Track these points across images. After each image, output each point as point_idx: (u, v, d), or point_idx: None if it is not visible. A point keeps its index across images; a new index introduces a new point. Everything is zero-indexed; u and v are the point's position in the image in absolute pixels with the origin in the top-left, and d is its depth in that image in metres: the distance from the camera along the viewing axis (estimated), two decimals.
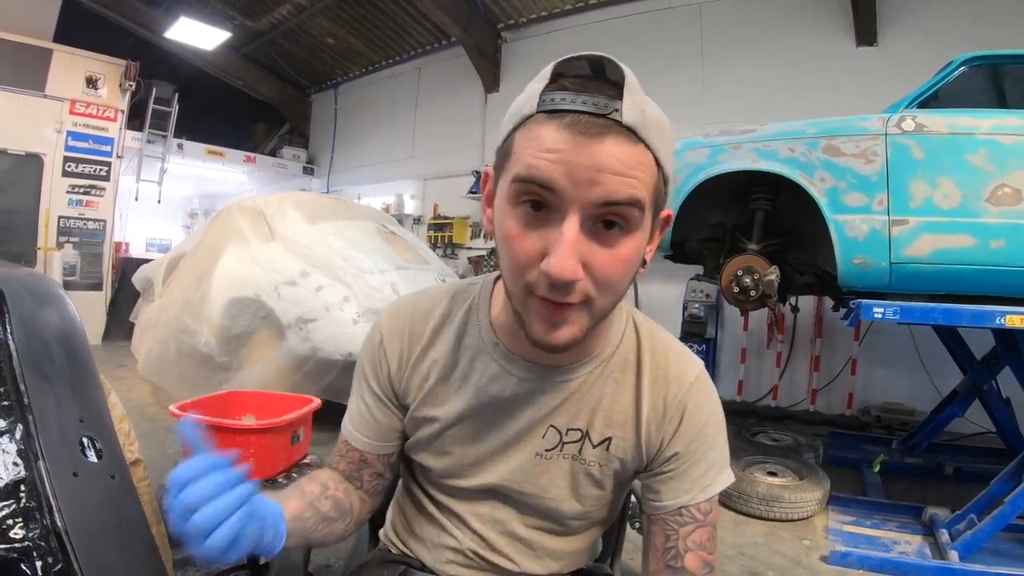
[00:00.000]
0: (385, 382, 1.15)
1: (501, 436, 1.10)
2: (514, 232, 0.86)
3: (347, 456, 1.19)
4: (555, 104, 0.81)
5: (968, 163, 3.37)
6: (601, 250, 0.84)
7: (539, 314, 0.88)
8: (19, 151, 8.47)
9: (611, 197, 0.80)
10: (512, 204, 0.86)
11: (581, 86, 0.82)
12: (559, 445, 1.09)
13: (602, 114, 0.79)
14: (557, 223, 0.82)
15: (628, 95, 0.80)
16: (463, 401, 1.10)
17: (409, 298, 1.19)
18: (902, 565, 3.28)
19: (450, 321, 1.13)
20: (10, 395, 1.30)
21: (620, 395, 1.08)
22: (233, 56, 12.06)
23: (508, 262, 0.89)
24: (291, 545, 0.94)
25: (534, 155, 0.81)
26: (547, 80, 0.85)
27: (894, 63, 6.20)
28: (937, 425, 4.79)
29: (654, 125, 0.83)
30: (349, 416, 1.19)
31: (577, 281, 0.83)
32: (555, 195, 0.81)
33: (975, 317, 3.29)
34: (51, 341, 1.48)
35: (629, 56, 4.01)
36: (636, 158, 0.81)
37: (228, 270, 5.40)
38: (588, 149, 0.79)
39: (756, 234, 4.00)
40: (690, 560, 1.03)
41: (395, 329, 1.14)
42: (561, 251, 0.80)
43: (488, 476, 1.12)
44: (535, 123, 0.83)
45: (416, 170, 10.94)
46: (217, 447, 0.82)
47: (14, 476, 1.19)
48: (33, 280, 1.67)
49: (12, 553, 1.10)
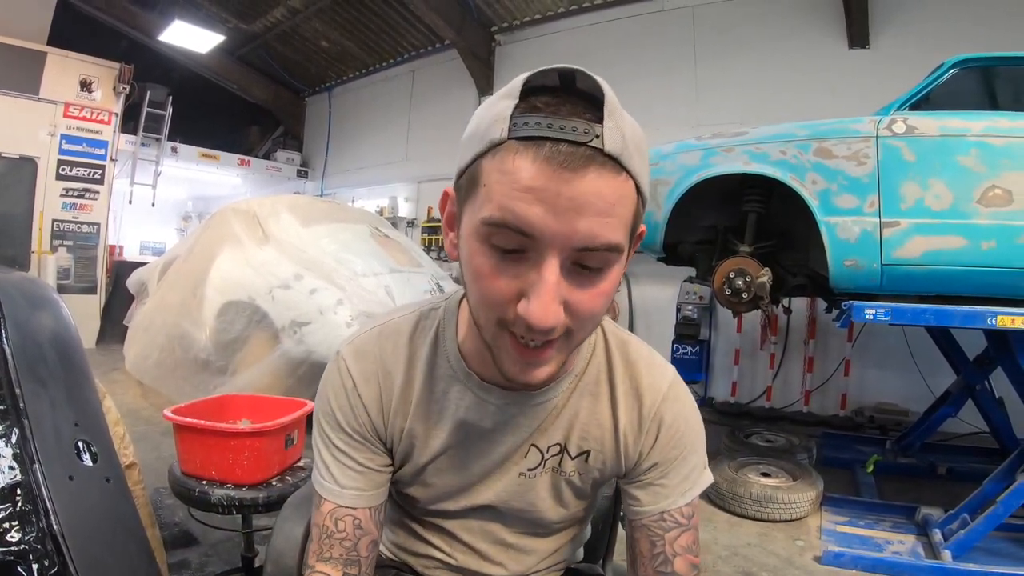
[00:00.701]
0: (366, 427, 1.06)
1: (484, 463, 1.09)
2: (486, 272, 0.79)
3: (338, 531, 1.05)
4: (529, 130, 0.73)
5: (959, 165, 3.38)
6: (581, 291, 0.79)
7: (513, 355, 0.84)
8: (13, 154, 8.45)
9: (592, 242, 0.75)
10: (483, 243, 0.79)
11: (556, 107, 0.74)
12: (541, 463, 1.08)
13: (582, 142, 0.72)
14: (534, 264, 0.76)
15: (608, 117, 0.74)
16: (443, 434, 1.07)
17: (370, 336, 1.09)
18: (895, 565, 3.30)
19: (418, 355, 1.07)
20: (5, 399, 1.31)
21: (596, 409, 1.07)
22: (227, 59, 12.06)
23: (478, 301, 0.83)
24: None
25: (509, 195, 0.74)
26: (516, 99, 0.76)
27: (887, 65, 6.22)
28: (930, 425, 4.82)
29: (634, 148, 0.76)
30: (327, 478, 1.06)
31: (557, 325, 0.78)
32: (532, 238, 0.74)
33: (966, 318, 3.31)
34: (46, 345, 1.48)
35: (622, 59, 4.08)
36: (618, 192, 0.75)
37: (222, 273, 5.39)
38: (569, 186, 0.72)
39: (748, 236, 4.02)
40: (679, 564, 1.03)
41: (367, 373, 1.06)
42: (543, 297, 0.75)
43: (475, 499, 1.11)
44: (507, 152, 0.74)
45: (410, 173, 10.94)
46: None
47: (10, 480, 1.20)
48: (27, 284, 1.67)
49: (9, 556, 1.11)
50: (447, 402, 1.05)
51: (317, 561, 1.05)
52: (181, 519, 3.39)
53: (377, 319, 1.13)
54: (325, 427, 1.07)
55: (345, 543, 1.05)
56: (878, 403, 6.19)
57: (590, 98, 0.76)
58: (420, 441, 1.07)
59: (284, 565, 1.20)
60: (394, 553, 1.26)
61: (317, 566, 1.05)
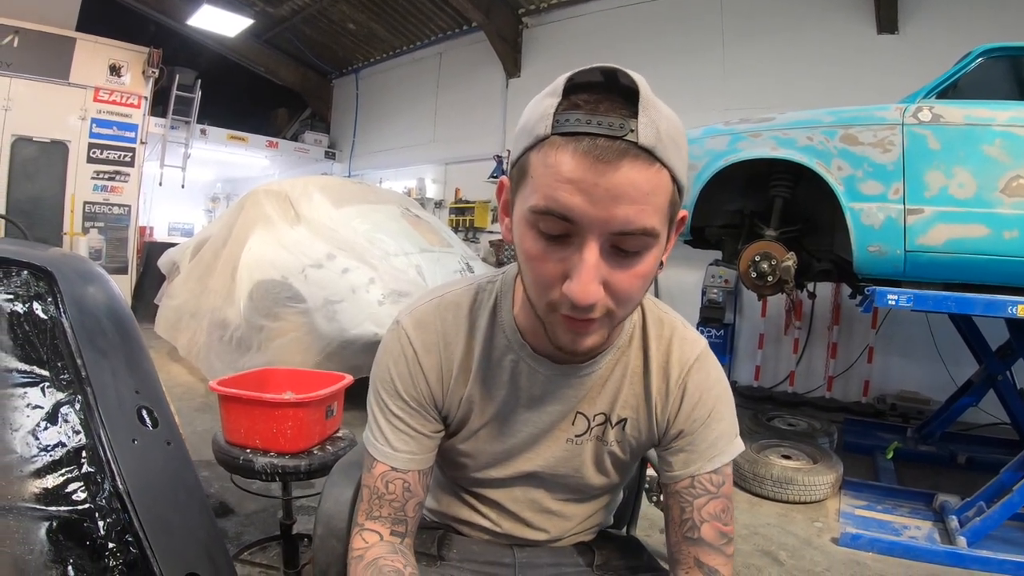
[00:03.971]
0: (423, 395, 1.12)
1: (533, 429, 1.15)
2: (535, 254, 0.87)
3: (388, 492, 1.12)
4: (570, 126, 0.80)
5: (984, 154, 3.39)
6: (620, 270, 0.86)
7: (563, 327, 0.91)
8: (44, 139, 8.61)
9: (627, 227, 0.81)
10: (532, 228, 0.87)
11: (595, 105, 0.81)
12: (588, 430, 1.15)
13: (618, 136, 0.78)
14: (577, 247, 0.84)
15: (643, 112, 0.80)
16: (498, 400, 1.13)
17: (429, 307, 1.15)
18: (911, 549, 3.33)
19: (477, 325, 1.13)
20: (68, 369, 1.39)
21: (634, 380, 1.14)
22: (255, 42, 12.16)
23: (531, 281, 0.92)
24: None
25: (552, 185, 0.81)
26: (559, 96, 0.83)
27: (915, 51, 6.17)
28: (951, 414, 4.83)
29: (669, 140, 0.82)
30: (382, 442, 1.12)
31: (597, 302, 0.86)
32: (575, 224, 0.82)
33: (988, 306, 3.33)
34: (102, 317, 1.55)
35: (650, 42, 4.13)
36: (652, 181, 0.81)
37: (255, 253, 5.47)
38: (606, 176, 0.78)
39: (774, 220, 4.04)
40: (706, 531, 1.08)
41: (429, 344, 1.12)
42: (583, 277, 0.83)
43: (523, 465, 1.18)
44: (550, 147, 0.82)
45: (437, 154, 10.99)
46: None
47: (76, 443, 1.27)
48: (76, 261, 1.75)
49: (75, 515, 1.18)
50: (502, 370, 1.12)
51: (367, 519, 1.12)
52: (216, 490, 3.50)
53: (435, 291, 1.19)
54: (382, 393, 1.13)
55: (394, 503, 1.12)
56: (900, 391, 6.19)
57: (629, 94, 0.82)
58: (477, 406, 1.14)
59: (334, 527, 1.24)
60: (440, 520, 1.34)
61: (366, 524, 1.12)
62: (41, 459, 1.22)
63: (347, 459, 1.42)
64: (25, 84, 8.36)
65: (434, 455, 1.17)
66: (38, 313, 1.47)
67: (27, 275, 1.53)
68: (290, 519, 2.64)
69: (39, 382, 1.34)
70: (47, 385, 1.34)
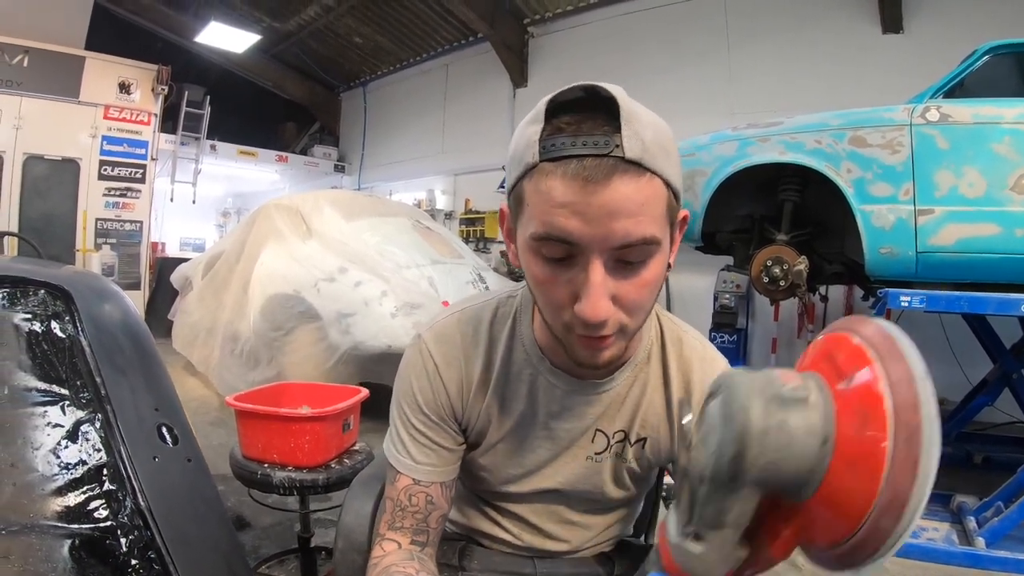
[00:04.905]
0: (444, 408, 1.13)
1: (552, 445, 1.15)
2: (543, 279, 0.88)
3: (412, 505, 1.12)
4: (556, 151, 0.81)
5: (993, 152, 3.39)
6: (627, 282, 0.86)
7: (579, 345, 0.92)
8: (56, 156, 8.70)
9: (627, 240, 0.81)
10: (535, 252, 0.88)
11: (577, 125, 0.81)
12: (608, 448, 1.15)
13: (604, 153, 0.79)
14: (582, 267, 0.84)
15: (626, 125, 0.80)
16: (514, 415, 1.14)
17: (450, 322, 1.16)
18: (929, 551, 3.30)
19: (497, 339, 1.14)
20: (87, 387, 1.40)
21: (654, 398, 1.14)
22: (262, 58, 12.23)
23: (543, 304, 0.93)
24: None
25: (548, 211, 0.82)
26: (542, 122, 0.83)
27: (920, 50, 6.17)
28: (967, 414, 4.78)
29: (656, 148, 0.82)
30: (404, 455, 1.13)
31: (609, 318, 0.86)
32: (574, 245, 0.82)
33: (1001, 305, 3.31)
34: (119, 335, 1.56)
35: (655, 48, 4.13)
36: (645, 192, 0.81)
37: (267, 268, 5.50)
38: (598, 195, 0.79)
39: (785, 225, 4.04)
40: None
41: (449, 357, 1.13)
42: (591, 296, 0.83)
43: (544, 481, 1.18)
44: (540, 173, 0.82)
45: (446, 165, 11.02)
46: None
47: (96, 461, 1.28)
48: (92, 278, 1.76)
49: (98, 532, 1.19)
50: (520, 384, 1.13)
51: (388, 530, 1.13)
52: (233, 504, 3.51)
53: (455, 306, 1.20)
54: (405, 407, 1.14)
55: (417, 515, 1.12)
56: None
57: (611, 109, 0.82)
58: (495, 420, 1.14)
59: (355, 540, 1.25)
60: (462, 531, 1.34)
61: (387, 534, 1.13)
62: (63, 477, 1.23)
63: (367, 472, 1.43)
64: (36, 103, 8.45)
65: (457, 467, 1.18)
66: (56, 332, 1.48)
67: (44, 294, 1.54)
68: (308, 532, 2.65)
69: (59, 401, 1.35)
70: (67, 404, 1.35)
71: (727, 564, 0.65)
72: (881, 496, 0.55)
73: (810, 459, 0.57)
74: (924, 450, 0.54)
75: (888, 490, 0.54)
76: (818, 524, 0.59)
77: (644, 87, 7.94)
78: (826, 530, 0.59)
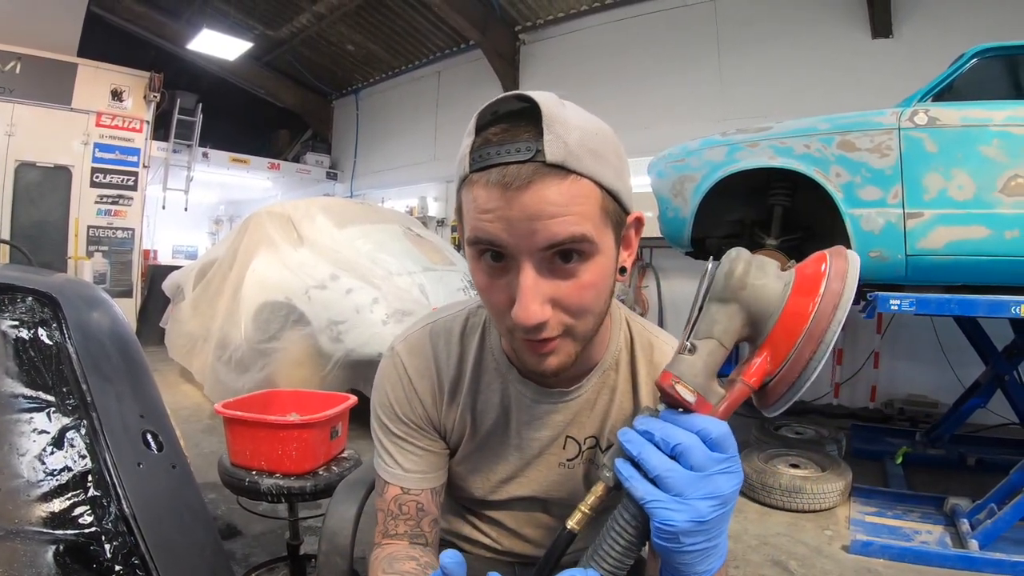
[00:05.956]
0: (421, 418, 1.15)
1: (522, 455, 1.17)
2: (483, 286, 0.92)
3: (402, 514, 1.14)
4: (483, 161, 0.84)
5: (981, 155, 3.39)
6: (564, 283, 0.87)
7: (526, 350, 0.94)
8: (48, 164, 8.71)
9: (553, 240, 0.83)
10: (475, 260, 0.91)
11: (503, 136, 0.83)
12: (579, 454, 1.16)
13: (525, 160, 0.81)
14: (515, 272, 0.86)
15: (548, 130, 0.81)
16: (487, 424, 1.16)
17: (422, 334, 1.18)
18: (923, 554, 3.31)
19: (467, 351, 1.16)
20: (73, 394, 1.40)
21: (624, 404, 1.15)
22: (254, 65, 12.24)
23: (488, 310, 0.96)
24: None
25: (476, 217, 0.85)
26: (473, 135, 0.87)
27: (910, 54, 6.19)
28: (960, 416, 4.79)
29: (582, 150, 0.83)
30: (391, 464, 1.15)
31: (547, 319, 0.87)
32: (504, 249, 0.85)
33: (991, 307, 3.32)
34: (106, 342, 1.56)
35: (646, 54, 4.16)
36: (569, 193, 0.83)
37: (259, 275, 5.51)
38: (519, 200, 0.81)
39: (775, 229, 4.06)
40: None
41: (422, 369, 1.15)
42: (523, 299, 0.84)
43: (519, 489, 1.19)
44: (470, 184, 0.86)
45: (439, 173, 11.00)
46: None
47: (81, 468, 1.28)
48: (81, 286, 1.77)
49: (82, 538, 1.19)
50: (491, 394, 1.14)
51: (384, 538, 1.15)
52: (224, 512, 3.51)
53: (427, 317, 1.22)
54: (383, 418, 1.16)
55: (409, 522, 1.14)
56: (908, 395, 6.17)
57: (534, 118, 0.83)
58: (469, 429, 1.16)
59: (338, 544, 1.27)
60: (443, 536, 1.34)
61: (383, 542, 1.14)
62: (48, 483, 1.23)
63: (352, 478, 1.43)
64: (28, 110, 8.46)
65: (445, 473, 1.20)
66: (43, 339, 1.49)
67: (32, 301, 1.54)
68: (297, 540, 2.65)
69: (45, 407, 1.36)
70: (53, 410, 1.36)
71: (708, 374, 0.79)
72: (809, 325, 0.75)
73: (775, 294, 0.79)
74: (840, 306, 0.75)
75: (813, 323, 0.75)
76: (777, 348, 0.78)
77: (635, 94, 7.99)
78: (777, 355, 0.78)
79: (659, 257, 7.78)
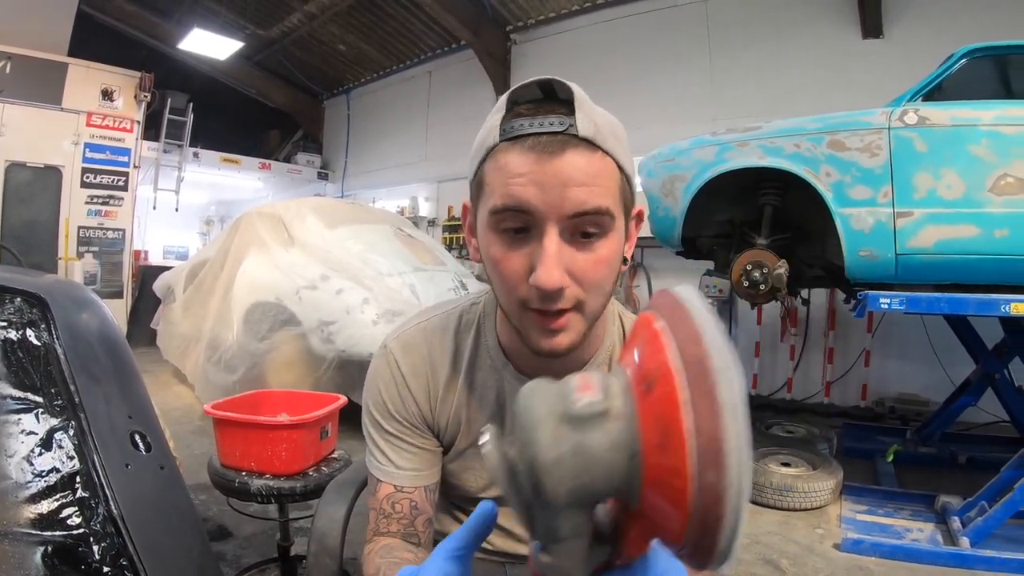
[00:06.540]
0: (415, 416, 1.14)
1: None
2: (500, 255, 0.91)
3: (396, 512, 1.13)
4: (515, 131, 0.87)
5: (971, 154, 3.41)
6: (582, 255, 0.89)
7: (536, 326, 0.93)
8: (38, 164, 8.62)
9: (581, 207, 0.85)
10: (495, 232, 0.91)
11: (535, 110, 0.87)
12: None
13: (558, 131, 0.85)
14: (538, 239, 0.87)
15: (579, 110, 0.86)
16: (483, 420, 1.14)
17: (416, 331, 1.18)
18: (914, 551, 3.33)
19: (462, 347, 1.16)
20: (61, 395, 1.39)
21: None
22: (245, 64, 12.20)
23: (499, 283, 0.95)
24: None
25: (506, 183, 0.87)
26: (504, 111, 0.90)
27: (901, 54, 6.22)
28: (950, 414, 4.82)
29: (608, 133, 0.88)
30: (384, 462, 1.14)
31: (565, 288, 0.88)
32: (532, 215, 0.86)
33: (981, 306, 3.34)
34: (95, 343, 1.55)
35: (637, 55, 4.15)
36: (597, 166, 0.86)
37: (249, 276, 5.50)
38: (552, 165, 0.84)
39: (765, 229, 4.06)
40: None
41: (416, 367, 1.14)
42: (546, 263, 0.85)
43: None
44: (500, 152, 0.88)
45: (430, 173, 11.00)
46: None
47: (70, 469, 1.28)
48: (69, 287, 1.76)
49: (70, 540, 1.18)
50: (487, 390, 1.14)
51: (375, 535, 1.13)
52: (215, 513, 3.49)
53: (420, 315, 1.21)
54: (376, 416, 1.15)
55: (402, 521, 1.13)
56: (899, 393, 6.19)
57: (566, 100, 0.88)
58: (464, 427, 1.15)
59: (328, 545, 1.26)
60: (435, 538, 1.33)
61: (375, 539, 1.13)
62: (35, 484, 1.22)
63: (341, 478, 1.42)
64: (18, 110, 8.38)
65: (438, 471, 1.18)
66: (31, 340, 1.48)
67: (20, 302, 1.53)
68: (287, 541, 2.64)
69: (33, 408, 1.34)
70: (41, 411, 1.35)
71: (585, 565, 0.59)
72: (696, 493, 0.47)
73: (621, 474, 0.51)
74: (732, 461, 0.45)
75: (701, 450, 0.46)
76: (657, 522, 0.52)
77: (626, 94, 7.99)
78: (666, 526, 0.51)
79: (650, 257, 7.79)
